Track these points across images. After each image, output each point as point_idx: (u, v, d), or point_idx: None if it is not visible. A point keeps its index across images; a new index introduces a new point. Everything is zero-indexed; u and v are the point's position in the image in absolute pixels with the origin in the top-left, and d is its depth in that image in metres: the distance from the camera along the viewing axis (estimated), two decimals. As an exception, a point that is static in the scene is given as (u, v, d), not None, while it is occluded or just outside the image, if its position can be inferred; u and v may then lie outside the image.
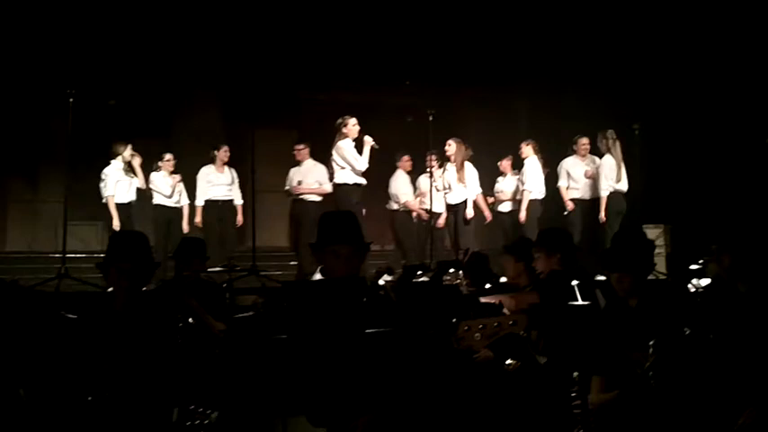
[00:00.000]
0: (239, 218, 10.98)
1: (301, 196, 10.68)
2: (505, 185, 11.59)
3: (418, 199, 11.31)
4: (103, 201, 10.46)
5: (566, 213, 11.10)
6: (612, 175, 10.78)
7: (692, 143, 11.69)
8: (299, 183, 10.69)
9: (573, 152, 11.25)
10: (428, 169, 10.73)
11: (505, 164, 11.55)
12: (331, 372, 3.42)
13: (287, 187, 10.91)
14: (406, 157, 11.58)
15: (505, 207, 11.52)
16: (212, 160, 10.91)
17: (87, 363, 3.82)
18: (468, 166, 10.89)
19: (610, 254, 4.47)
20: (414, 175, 11.64)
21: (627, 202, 10.88)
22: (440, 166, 10.96)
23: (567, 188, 11.15)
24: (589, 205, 11.01)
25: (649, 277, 8.72)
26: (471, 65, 12.88)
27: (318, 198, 10.73)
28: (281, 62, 12.77)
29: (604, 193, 10.76)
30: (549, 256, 5.62)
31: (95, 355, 3.83)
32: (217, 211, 10.79)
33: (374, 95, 13.52)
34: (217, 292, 6.76)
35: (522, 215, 10.84)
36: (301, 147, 10.97)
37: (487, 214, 11.13)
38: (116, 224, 10.21)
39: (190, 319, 5.12)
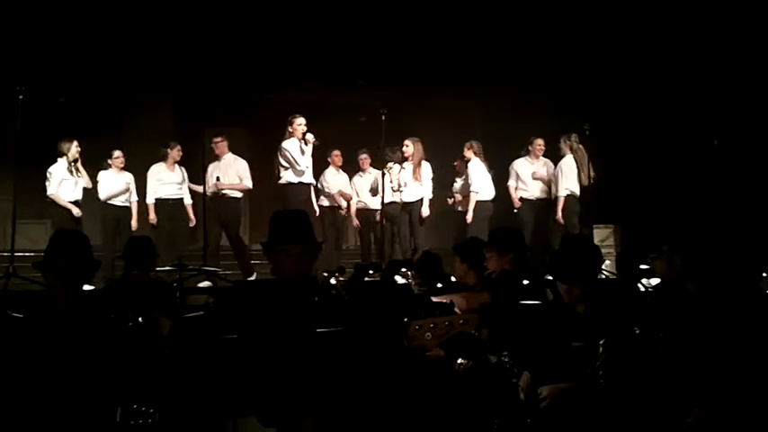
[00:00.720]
0: (191, 217, 10.87)
1: (222, 192, 10.47)
2: (460, 186, 11.57)
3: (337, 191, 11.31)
4: (47, 200, 10.21)
5: (515, 211, 11.17)
6: (573, 177, 10.86)
7: (641, 143, 11.81)
8: (218, 179, 10.42)
9: (527, 152, 11.31)
10: (384, 169, 10.67)
11: (460, 164, 11.53)
12: (282, 371, 3.39)
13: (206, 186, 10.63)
14: (336, 152, 11.48)
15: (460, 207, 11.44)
16: (163, 158, 10.74)
17: (31, 362, 3.74)
18: (425, 165, 10.90)
19: (558, 263, 4.47)
20: (350, 172, 11.60)
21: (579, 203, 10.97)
22: (398, 162, 10.90)
23: (516, 188, 11.23)
24: (541, 205, 11.09)
25: (599, 276, 8.81)
26: (425, 64, 12.88)
27: (239, 194, 10.68)
28: (233, 60, 12.66)
29: (562, 194, 10.83)
30: (500, 256, 5.63)
31: (38, 355, 3.76)
32: (167, 209, 10.65)
33: (327, 94, 13.47)
34: (167, 292, 6.69)
35: (469, 216, 10.83)
36: (219, 140, 10.68)
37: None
38: (76, 211, 9.98)
39: (140, 319, 5.04)
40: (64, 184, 10.05)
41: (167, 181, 10.68)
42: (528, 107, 12.14)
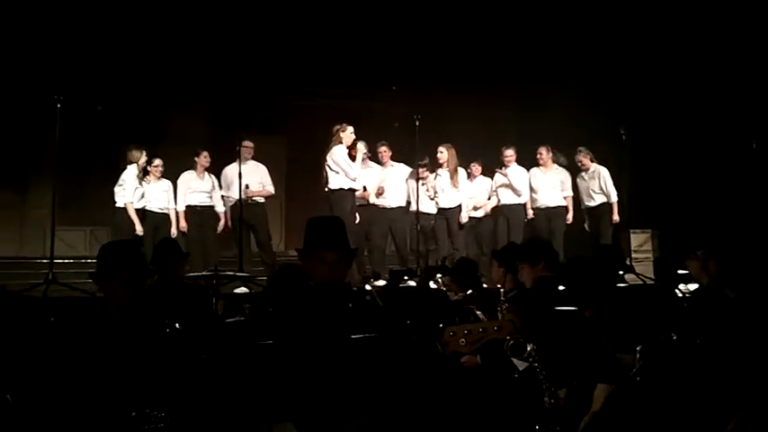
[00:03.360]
0: (221, 224, 10.97)
1: (252, 199, 10.56)
2: (476, 190, 11.47)
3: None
4: (120, 205, 10.40)
5: (525, 220, 11.26)
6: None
7: (678, 147, 11.71)
8: (247, 186, 10.44)
9: (537, 163, 11.39)
10: (419, 178, 10.63)
11: (475, 168, 11.48)
12: (317, 377, 3.39)
13: (224, 192, 10.80)
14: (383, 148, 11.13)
15: (479, 213, 11.36)
16: (194, 166, 10.89)
17: (82, 369, 3.81)
18: (461, 170, 10.94)
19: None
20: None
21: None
22: (431, 172, 10.90)
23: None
24: (554, 213, 11.18)
25: (637, 282, 8.73)
26: (457, 70, 12.87)
27: (263, 200, 10.77)
28: (268, 68, 12.74)
29: (615, 199, 10.99)
30: (533, 267, 5.62)
31: (91, 362, 3.82)
32: (197, 217, 10.76)
33: (360, 101, 13.49)
34: (202, 297, 6.70)
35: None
36: (249, 144, 10.78)
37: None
38: (139, 229, 10.21)
39: (177, 325, 5.07)
40: (137, 192, 10.29)
41: (197, 189, 10.80)
42: (562, 111, 12.07)
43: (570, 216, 11.16)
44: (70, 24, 11.83)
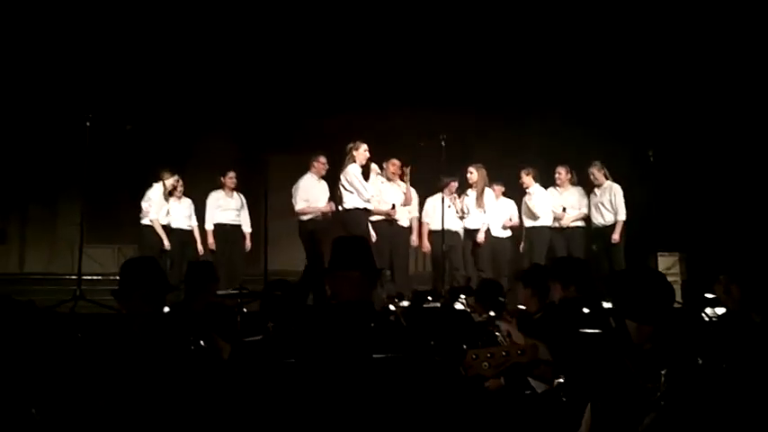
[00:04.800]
0: (248, 243, 11.14)
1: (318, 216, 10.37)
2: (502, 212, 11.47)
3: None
4: (146, 222, 10.59)
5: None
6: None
7: (706, 169, 11.64)
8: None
9: (553, 183, 11.42)
10: (446, 200, 10.61)
11: (497, 189, 11.47)
12: (338, 396, 3.39)
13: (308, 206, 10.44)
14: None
15: (495, 232, 11.31)
16: (221, 186, 11.07)
17: (106, 384, 3.84)
18: (488, 192, 10.94)
19: (629, 298, 4.31)
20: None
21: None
22: (459, 195, 10.87)
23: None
24: (572, 234, 11.19)
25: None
26: (483, 89, 12.88)
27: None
28: (293, 88, 12.82)
29: (622, 218, 10.83)
30: (564, 288, 5.59)
31: (115, 378, 3.86)
32: (225, 235, 10.95)
33: (386, 120, 13.50)
34: (227, 316, 6.73)
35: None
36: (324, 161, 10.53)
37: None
38: (167, 244, 10.43)
39: (201, 342, 5.09)
40: (163, 209, 10.46)
41: (226, 207, 11.00)
42: (587, 133, 12.03)
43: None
44: (101, 43, 11.99)
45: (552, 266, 6.29)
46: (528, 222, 11.25)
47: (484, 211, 10.86)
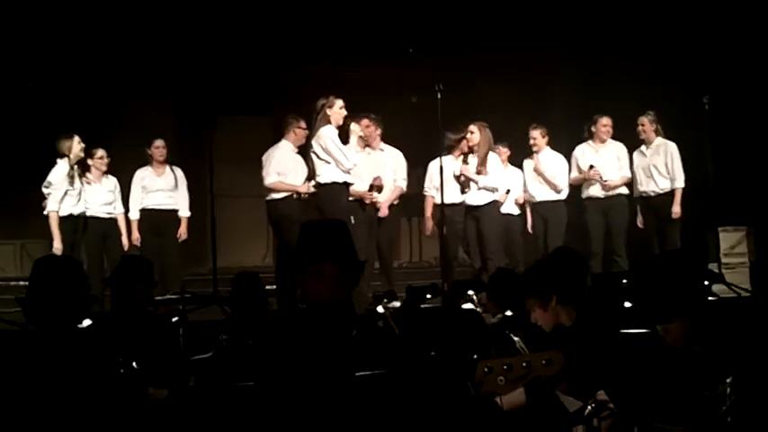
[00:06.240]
0: (183, 231, 10.87)
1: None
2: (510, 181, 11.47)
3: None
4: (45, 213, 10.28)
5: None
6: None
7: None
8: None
9: (590, 135, 11.35)
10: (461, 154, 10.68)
11: (503, 152, 11.44)
12: (311, 427, 3.40)
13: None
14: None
15: (505, 208, 11.30)
16: (148, 160, 10.84)
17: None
18: (493, 156, 10.78)
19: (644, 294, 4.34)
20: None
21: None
22: (464, 161, 10.78)
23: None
24: (609, 204, 11.22)
25: (729, 295, 8.71)
26: (487, 27, 12.84)
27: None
28: (246, 29, 12.73)
29: (680, 185, 10.89)
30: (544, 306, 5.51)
31: (19, 415, 3.86)
32: (153, 224, 10.74)
33: (369, 69, 13.48)
34: (167, 331, 6.66)
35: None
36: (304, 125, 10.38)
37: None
38: (57, 246, 9.98)
39: (134, 364, 5.07)
40: (68, 197, 10.08)
41: (153, 188, 10.76)
42: (624, 78, 12.02)
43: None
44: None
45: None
46: (540, 195, 11.25)
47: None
